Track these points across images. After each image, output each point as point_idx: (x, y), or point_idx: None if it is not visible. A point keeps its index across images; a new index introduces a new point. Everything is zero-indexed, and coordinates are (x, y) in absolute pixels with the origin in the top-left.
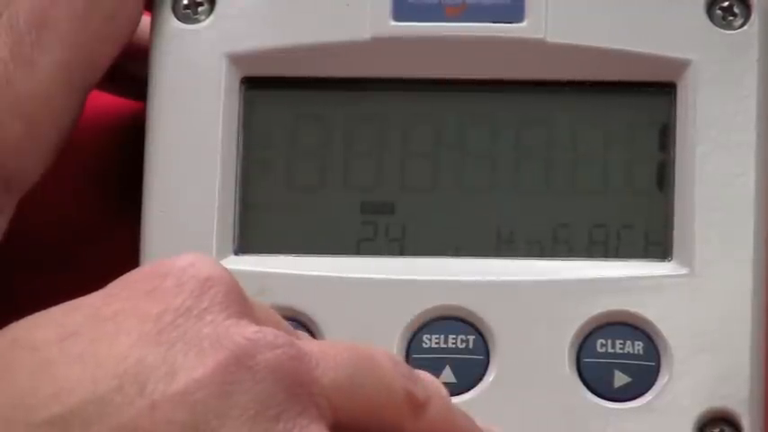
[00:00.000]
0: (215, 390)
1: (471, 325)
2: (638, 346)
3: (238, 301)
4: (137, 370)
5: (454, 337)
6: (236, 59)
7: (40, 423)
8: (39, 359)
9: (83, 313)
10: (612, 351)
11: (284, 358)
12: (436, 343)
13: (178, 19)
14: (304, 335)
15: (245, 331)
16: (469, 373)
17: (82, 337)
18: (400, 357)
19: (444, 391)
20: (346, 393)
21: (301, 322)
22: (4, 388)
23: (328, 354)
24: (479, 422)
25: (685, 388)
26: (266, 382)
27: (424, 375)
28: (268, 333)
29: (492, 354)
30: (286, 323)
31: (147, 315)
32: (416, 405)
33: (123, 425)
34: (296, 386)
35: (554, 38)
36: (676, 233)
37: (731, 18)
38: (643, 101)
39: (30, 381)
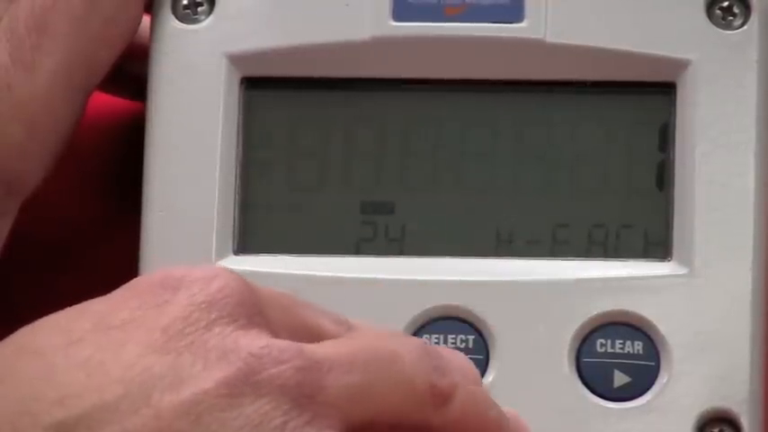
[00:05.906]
0: (220, 402)
1: (471, 325)
2: (638, 346)
3: (248, 313)
4: (143, 378)
5: (454, 336)
6: (235, 59)
7: (45, 428)
8: (44, 365)
9: (89, 320)
10: (612, 351)
11: (290, 373)
12: (435, 343)
13: (178, 19)
14: (333, 315)
15: (252, 346)
16: None
17: (88, 344)
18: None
19: (474, 372)
20: (360, 396)
21: None
22: (10, 393)
23: (342, 355)
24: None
25: (685, 388)
26: (271, 395)
27: (453, 358)
28: (274, 348)
29: (492, 354)
30: (310, 311)
31: (155, 325)
32: (441, 397)
33: None
34: (302, 397)
35: (554, 38)
36: (676, 233)
37: (731, 18)
38: (643, 101)
39: (35, 386)
